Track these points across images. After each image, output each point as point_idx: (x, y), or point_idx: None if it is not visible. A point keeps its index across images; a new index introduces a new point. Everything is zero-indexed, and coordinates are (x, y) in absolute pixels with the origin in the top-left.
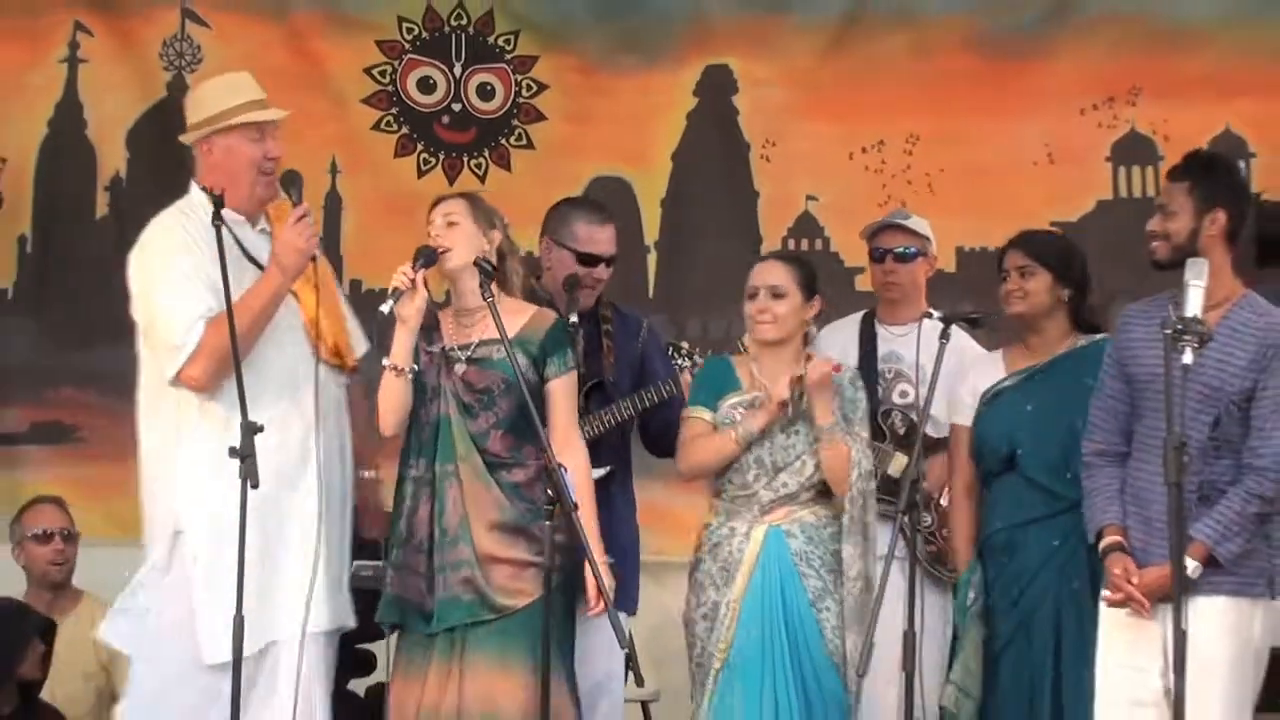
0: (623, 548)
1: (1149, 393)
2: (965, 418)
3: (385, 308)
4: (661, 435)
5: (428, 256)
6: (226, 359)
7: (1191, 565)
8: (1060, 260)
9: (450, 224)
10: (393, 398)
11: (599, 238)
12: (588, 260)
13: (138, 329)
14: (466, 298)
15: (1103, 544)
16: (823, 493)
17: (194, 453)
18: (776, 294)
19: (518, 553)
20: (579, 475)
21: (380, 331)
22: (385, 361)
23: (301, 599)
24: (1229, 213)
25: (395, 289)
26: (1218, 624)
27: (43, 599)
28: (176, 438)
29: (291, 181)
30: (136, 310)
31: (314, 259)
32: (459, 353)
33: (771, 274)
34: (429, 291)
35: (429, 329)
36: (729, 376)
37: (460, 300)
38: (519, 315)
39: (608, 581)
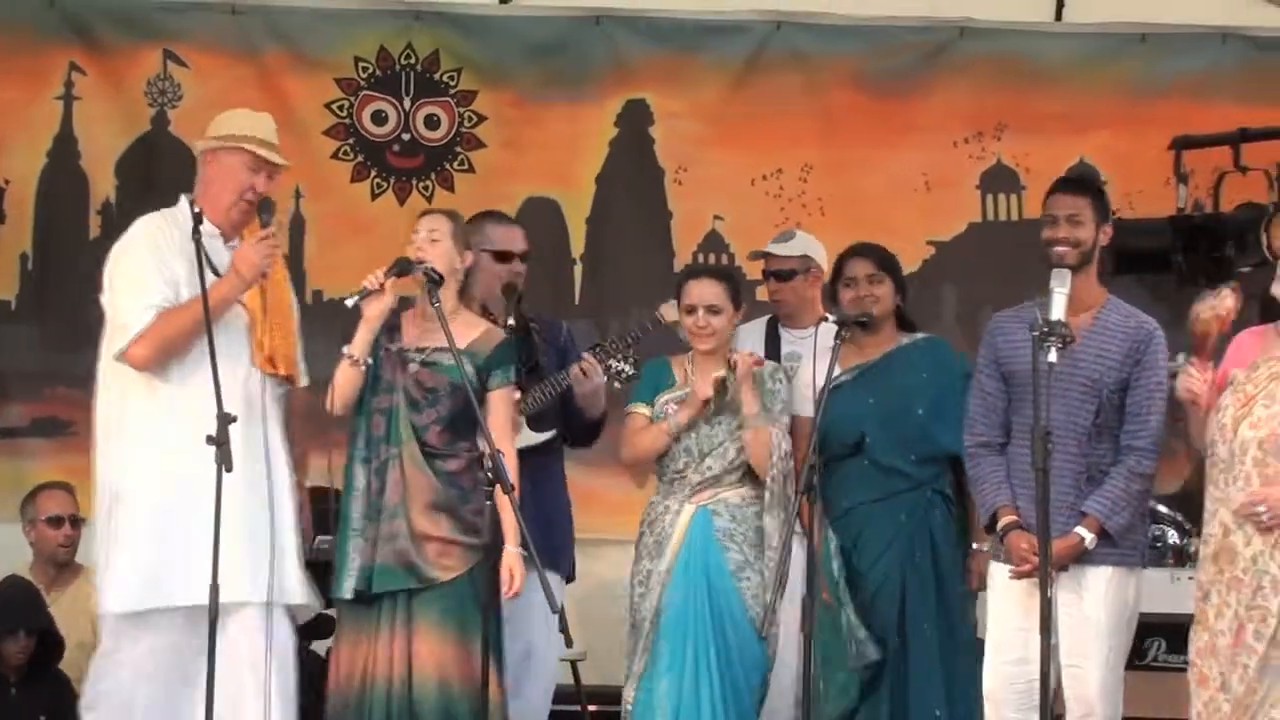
0: (552, 516)
1: (1028, 389)
2: (803, 409)
3: (350, 301)
4: (581, 431)
5: (403, 267)
6: (168, 347)
7: (1089, 537)
8: (897, 269)
9: (433, 240)
10: (344, 383)
11: (510, 236)
12: (503, 257)
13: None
14: (431, 306)
15: (1001, 524)
16: (747, 474)
17: (136, 425)
18: (713, 310)
19: (446, 531)
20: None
21: (345, 328)
22: (344, 349)
23: (208, 570)
24: (1110, 228)
25: (364, 288)
26: (1103, 591)
27: (47, 574)
28: (121, 411)
29: (265, 208)
30: (105, 301)
31: (264, 276)
32: (415, 354)
33: (708, 293)
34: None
35: (392, 328)
36: (665, 374)
37: (425, 307)
38: (473, 329)
39: (518, 571)
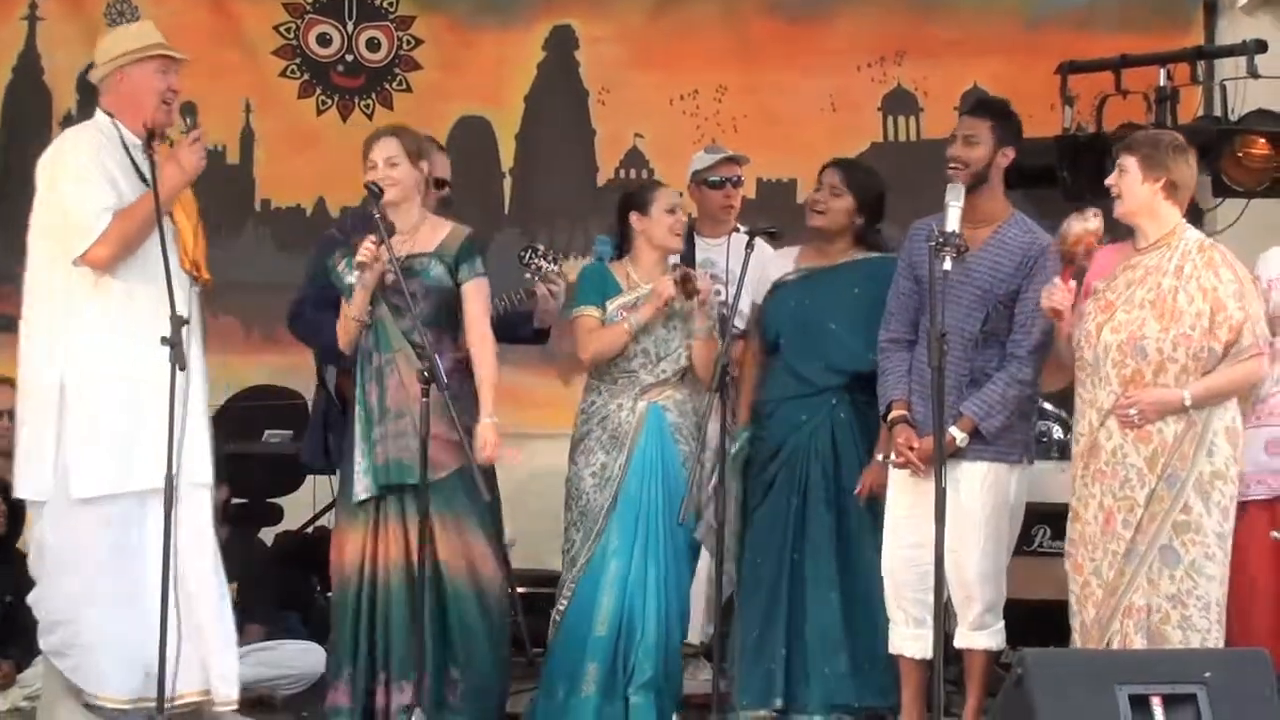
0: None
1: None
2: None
3: (353, 279)
4: (533, 337)
5: (375, 212)
6: (128, 245)
7: (960, 436)
8: (865, 191)
9: (393, 165)
10: (345, 333)
11: (444, 163)
12: (440, 184)
13: (33, 223)
14: (405, 219)
15: (890, 416)
16: (686, 375)
17: (83, 321)
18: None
19: (441, 430)
20: (485, 360)
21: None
22: (345, 310)
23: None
24: (1015, 150)
25: (360, 263)
26: (979, 484)
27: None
28: (66, 309)
29: (189, 110)
30: (41, 205)
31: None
32: (393, 263)
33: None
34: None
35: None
36: (610, 280)
37: (402, 218)
38: (440, 230)
39: (492, 439)
